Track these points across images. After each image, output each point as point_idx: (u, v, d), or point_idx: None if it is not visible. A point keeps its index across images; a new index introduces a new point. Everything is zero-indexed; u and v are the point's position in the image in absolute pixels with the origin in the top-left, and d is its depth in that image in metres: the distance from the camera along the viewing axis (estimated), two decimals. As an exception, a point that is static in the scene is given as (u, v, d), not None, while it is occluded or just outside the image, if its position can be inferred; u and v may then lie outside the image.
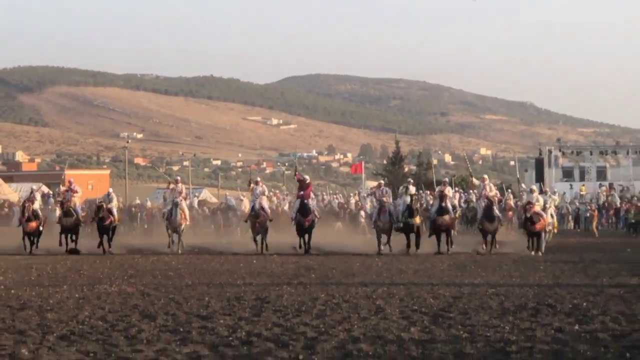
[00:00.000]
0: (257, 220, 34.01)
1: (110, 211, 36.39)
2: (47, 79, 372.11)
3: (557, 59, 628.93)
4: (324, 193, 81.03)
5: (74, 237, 37.52)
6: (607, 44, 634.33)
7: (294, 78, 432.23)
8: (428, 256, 33.20)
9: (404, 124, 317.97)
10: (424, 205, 41.60)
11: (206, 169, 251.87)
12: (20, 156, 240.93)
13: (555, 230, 36.76)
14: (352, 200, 69.69)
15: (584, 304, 19.50)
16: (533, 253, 32.58)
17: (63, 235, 37.43)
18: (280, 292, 21.97)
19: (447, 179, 46.25)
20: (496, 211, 34.41)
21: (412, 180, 41.77)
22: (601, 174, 78.54)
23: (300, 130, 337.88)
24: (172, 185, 38.74)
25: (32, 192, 39.00)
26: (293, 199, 51.85)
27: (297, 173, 40.41)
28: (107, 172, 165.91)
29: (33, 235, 36.83)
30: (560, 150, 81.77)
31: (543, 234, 33.94)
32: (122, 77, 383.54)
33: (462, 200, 52.31)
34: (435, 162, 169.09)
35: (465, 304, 19.68)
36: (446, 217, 34.21)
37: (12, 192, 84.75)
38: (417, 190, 48.36)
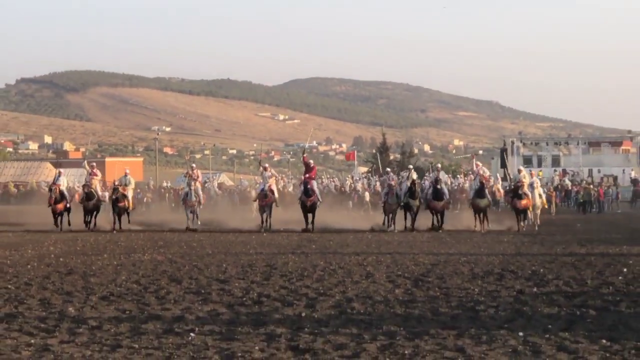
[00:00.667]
0: (265, 200, 33.19)
1: (125, 195, 35.24)
2: (90, 81, 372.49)
3: (519, 64, 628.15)
4: (323, 177, 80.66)
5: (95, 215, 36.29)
6: (561, 50, 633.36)
7: (297, 80, 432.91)
8: (412, 232, 32.59)
9: (389, 119, 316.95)
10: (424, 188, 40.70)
11: (224, 157, 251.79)
12: (67, 146, 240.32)
13: (545, 206, 35.59)
14: (347, 183, 69.88)
15: (541, 270, 19.51)
16: (523, 227, 31.54)
17: (86, 216, 35.67)
18: (285, 260, 22.00)
19: (439, 165, 45.37)
20: (486, 191, 33.23)
21: (412, 167, 40.52)
22: (555, 161, 78.71)
23: (303, 124, 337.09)
24: (189, 172, 37.13)
25: (59, 175, 37.23)
26: (297, 182, 51.22)
27: (304, 156, 38.14)
28: (141, 159, 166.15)
29: (61, 214, 35.15)
30: (521, 142, 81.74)
31: (529, 211, 32.88)
32: (153, 79, 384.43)
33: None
34: (416, 151, 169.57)
35: (441, 270, 19.68)
36: (441, 201, 33.15)
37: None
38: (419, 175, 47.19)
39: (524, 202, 31.30)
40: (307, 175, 34.83)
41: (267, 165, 39.14)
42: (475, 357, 10.48)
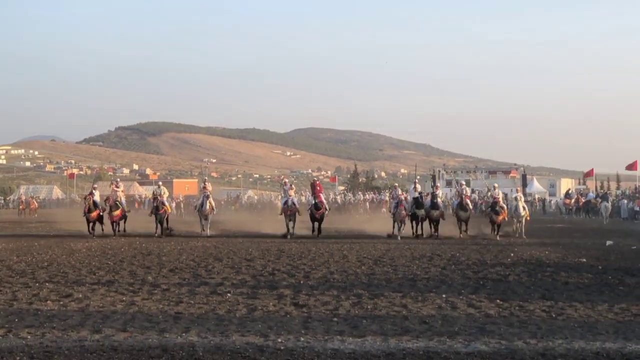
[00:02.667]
0: (290, 210, 27.65)
1: (163, 203, 27.77)
2: (164, 128, 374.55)
3: (445, 119, 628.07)
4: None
5: (119, 226, 27.95)
6: (472, 110, 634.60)
7: (299, 129, 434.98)
8: (418, 237, 26.89)
9: (358, 155, 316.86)
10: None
11: (250, 179, 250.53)
12: (148, 171, 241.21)
13: (528, 218, 28.97)
14: (331, 196, 69.52)
15: (457, 254, 19.49)
16: (498, 237, 25.90)
17: (114, 223, 27.57)
18: (290, 247, 21.97)
19: (439, 184, 38.51)
20: (469, 204, 28.36)
21: (417, 181, 36.04)
22: (467, 184, 78.54)
23: (302, 158, 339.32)
24: (204, 185, 30.44)
25: (93, 189, 28.64)
26: (307, 196, 46.22)
27: (315, 180, 34.90)
28: (195, 180, 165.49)
29: (94, 222, 26.91)
30: (444, 171, 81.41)
31: (517, 221, 27.85)
32: (204, 128, 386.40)
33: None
34: (376, 176, 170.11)
35: (392, 254, 19.64)
36: (437, 211, 27.46)
37: (144, 190, 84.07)
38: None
39: (500, 217, 26.53)
40: (317, 189, 29.53)
41: (286, 180, 34.60)
42: (413, 310, 10.51)
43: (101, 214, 27.29)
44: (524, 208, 28.08)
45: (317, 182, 31.21)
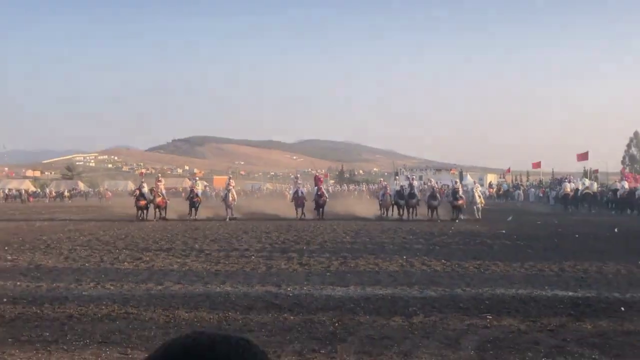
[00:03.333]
0: (300, 198, 25.29)
1: (197, 194, 25.40)
2: (207, 140, 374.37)
3: (405, 132, 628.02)
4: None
5: (162, 211, 25.18)
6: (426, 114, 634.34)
7: (306, 141, 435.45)
8: (402, 220, 23.90)
9: (344, 158, 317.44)
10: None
11: (268, 176, 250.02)
12: (195, 171, 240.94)
13: (483, 203, 26.14)
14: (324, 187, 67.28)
15: (414, 228, 19.44)
16: (457, 220, 22.92)
17: (157, 210, 24.84)
18: (297, 224, 21.89)
19: (408, 174, 32.41)
20: (437, 194, 25.22)
21: (398, 177, 31.09)
22: (420, 179, 78.27)
23: (304, 161, 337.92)
24: (227, 180, 27.11)
25: (142, 182, 25.14)
26: (309, 187, 38.26)
27: (316, 174, 30.24)
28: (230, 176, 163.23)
29: (143, 209, 24.09)
30: (404, 170, 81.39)
31: (463, 208, 24.19)
32: (236, 139, 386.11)
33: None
34: (356, 173, 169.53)
35: (367, 228, 19.62)
36: (414, 200, 24.64)
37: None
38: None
39: (460, 202, 23.57)
40: (320, 180, 27.04)
41: (298, 175, 30.36)
42: (383, 267, 10.48)
43: (148, 205, 24.26)
44: (479, 196, 25.96)
45: (318, 176, 28.47)
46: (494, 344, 5.62)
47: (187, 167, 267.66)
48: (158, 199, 24.65)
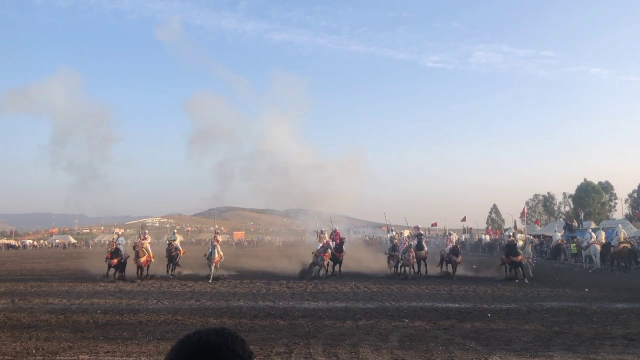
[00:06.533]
0: (324, 255, 13.65)
1: (177, 248, 14.59)
2: (230, 209, 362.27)
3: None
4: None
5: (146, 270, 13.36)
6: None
7: (297, 209, 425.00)
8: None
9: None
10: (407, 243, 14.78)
11: (269, 230, 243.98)
12: (222, 228, 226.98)
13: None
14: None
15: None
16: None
17: (139, 268, 13.11)
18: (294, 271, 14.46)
19: (419, 225, 22.72)
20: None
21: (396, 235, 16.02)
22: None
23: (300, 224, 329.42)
24: (215, 236, 14.48)
25: (118, 236, 14.25)
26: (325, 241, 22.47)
27: (336, 230, 16.40)
28: (243, 232, 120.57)
29: (116, 267, 13.03)
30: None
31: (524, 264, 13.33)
32: (248, 208, 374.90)
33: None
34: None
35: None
36: (423, 251, 13.98)
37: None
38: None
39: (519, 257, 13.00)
40: (339, 234, 15.96)
41: (323, 229, 16.00)
42: (340, 289, 10.23)
43: (123, 260, 13.30)
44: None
45: (338, 231, 16.95)
46: (410, 338, 5.72)
47: (217, 226, 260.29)
48: (142, 258, 13.29)
